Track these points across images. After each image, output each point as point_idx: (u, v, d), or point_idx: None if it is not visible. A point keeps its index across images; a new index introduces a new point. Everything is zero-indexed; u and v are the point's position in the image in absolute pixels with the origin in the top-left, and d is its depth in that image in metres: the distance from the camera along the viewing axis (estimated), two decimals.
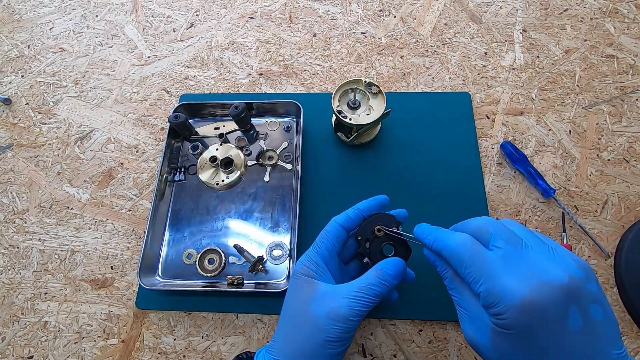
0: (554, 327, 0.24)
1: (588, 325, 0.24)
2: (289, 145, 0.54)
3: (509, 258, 0.26)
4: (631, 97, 0.54)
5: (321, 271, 0.33)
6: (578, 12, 0.61)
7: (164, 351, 0.44)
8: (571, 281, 0.24)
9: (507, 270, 0.25)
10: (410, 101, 0.55)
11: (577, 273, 0.24)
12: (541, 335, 0.24)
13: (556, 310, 0.23)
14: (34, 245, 0.51)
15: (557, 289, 0.24)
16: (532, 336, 0.24)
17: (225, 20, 0.66)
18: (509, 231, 0.27)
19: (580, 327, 0.24)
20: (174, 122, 0.51)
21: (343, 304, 0.30)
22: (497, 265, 0.26)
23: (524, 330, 0.24)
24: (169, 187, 0.52)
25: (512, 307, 0.24)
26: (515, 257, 0.26)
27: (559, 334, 0.24)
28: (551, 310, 0.23)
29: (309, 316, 0.31)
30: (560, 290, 0.24)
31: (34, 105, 0.62)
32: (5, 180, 0.56)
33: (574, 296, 0.24)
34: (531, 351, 0.24)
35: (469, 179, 0.50)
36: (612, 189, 0.49)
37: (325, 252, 0.34)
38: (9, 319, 0.48)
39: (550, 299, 0.23)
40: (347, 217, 0.35)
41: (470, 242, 0.28)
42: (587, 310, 0.24)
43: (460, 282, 0.29)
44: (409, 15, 0.63)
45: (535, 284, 0.24)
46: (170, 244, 0.49)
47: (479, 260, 0.26)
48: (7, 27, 0.70)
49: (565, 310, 0.24)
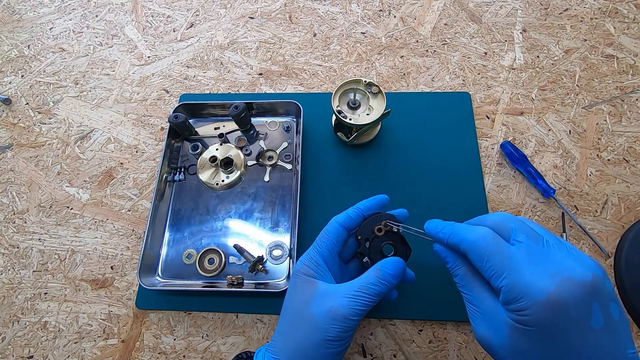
0: (578, 324, 0.23)
1: (608, 324, 0.24)
2: (288, 145, 0.54)
3: (531, 253, 0.26)
4: (631, 97, 0.54)
5: (321, 270, 0.33)
6: (578, 12, 0.61)
7: (164, 351, 0.44)
8: (594, 279, 0.24)
9: (530, 266, 0.25)
10: (410, 101, 0.55)
11: (598, 271, 0.24)
12: (564, 333, 0.23)
13: (580, 308, 0.23)
14: (34, 245, 0.51)
15: (581, 286, 0.23)
16: (554, 333, 0.24)
17: (225, 20, 0.66)
18: (529, 227, 0.27)
19: (602, 325, 0.24)
20: (173, 122, 0.51)
21: (342, 303, 0.30)
22: (520, 260, 0.25)
23: (546, 327, 0.24)
24: (169, 187, 0.52)
25: (537, 302, 0.23)
26: (538, 253, 0.26)
27: (582, 331, 0.23)
28: (576, 307, 0.23)
29: (308, 315, 0.31)
30: (584, 287, 0.23)
31: (34, 105, 0.62)
32: (5, 180, 0.56)
33: (596, 294, 0.24)
34: (551, 349, 0.24)
35: (469, 179, 0.50)
36: (612, 189, 0.49)
37: (325, 252, 0.34)
38: (9, 319, 0.48)
39: (575, 296, 0.23)
40: (347, 216, 0.35)
41: (491, 235, 0.27)
42: (607, 308, 0.24)
43: (472, 278, 0.28)
44: (409, 15, 0.63)
45: (560, 280, 0.24)
46: (170, 244, 0.49)
47: (501, 254, 0.26)
48: (7, 27, 0.70)
49: (589, 307, 0.23)
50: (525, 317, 0.24)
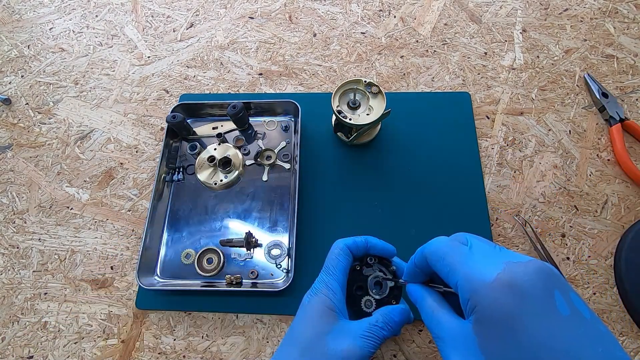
0: (542, 308, 0.21)
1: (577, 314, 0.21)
2: (287, 144, 0.54)
3: (484, 252, 0.26)
4: (631, 97, 0.54)
5: (338, 299, 0.32)
6: (578, 12, 0.61)
7: (163, 351, 0.44)
8: (544, 265, 0.23)
9: (482, 259, 0.25)
10: (410, 101, 0.55)
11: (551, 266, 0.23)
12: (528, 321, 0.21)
13: (538, 289, 0.22)
14: (33, 245, 0.51)
15: (532, 267, 0.22)
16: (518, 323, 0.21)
17: (225, 20, 0.66)
18: (481, 237, 0.28)
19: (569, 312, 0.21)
20: (171, 122, 0.51)
21: (358, 344, 0.30)
22: (473, 256, 0.25)
23: (507, 316, 0.22)
24: (168, 187, 0.52)
25: (486, 285, 0.22)
26: (490, 252, 0.26)
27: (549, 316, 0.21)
28: (532, 288, 0.22)
29: (323, 350, 0.30)
30: (536, 268, 0.22)
31: (34, 105, 0.62)
32: (5, 180, 0.56)
33: (553, 279, 0.22)
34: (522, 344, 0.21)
35: (469, 179, 0.50)
36: (612, 189, 0.48)
37: (340, 276, 0.33)
38: (9, 319, 0.48)
39: (528, 277, 0.22)
40: (354, 241, 0.35)
41: (449, 239, 0.28)
42: (569, 297, 0.22)
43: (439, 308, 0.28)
44: (409, 15, 0.63)
45: (508, 263, 0.23)
46: (169, 244, 0.49)
47: (456, 252, 0.26)
48: (7, 27, 0.70)
49: (550, 291, 0.22)
50: (483, 310, 0.22)
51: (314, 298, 0.32)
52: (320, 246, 0.46)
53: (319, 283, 0.33)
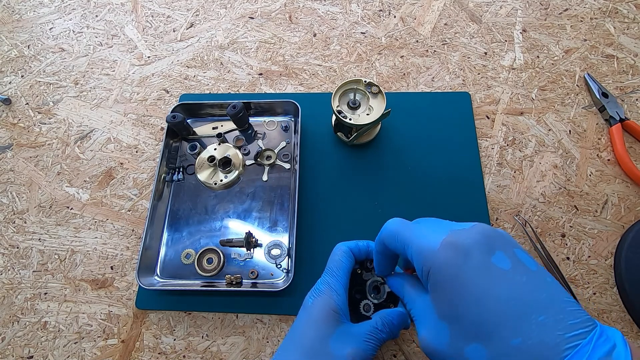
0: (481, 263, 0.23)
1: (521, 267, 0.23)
2: (287, 144, 0.54)
3: (433, 225, 0.27)
4: (631, 97, 0.54)
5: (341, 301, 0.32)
6: (578, 12, 0.61)
7: (163, 351, 0.44)
8: (487, 227, 0.24)
9: (431, 230, 0.26)
10: (410, 101, 0.55)
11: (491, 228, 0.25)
12: (468, 275, 0.23)
13: (479, 248, 0.23)
14: (33, 245, 0.51)
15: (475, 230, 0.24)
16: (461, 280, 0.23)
17: (225, 20, 0.66)
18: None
19: (510, 266, 0.22)
20: (171, 122, 0.51)
21: (361, 347, 0.30)
22: (422, 229, 0.27)
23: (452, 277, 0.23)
24: (167, 187, 0.52)
25: (433, 252, 0.24)
26: (438, 224, 0.27)
27: (488, 269, 0.22)
28: (473, 247, 0.23)
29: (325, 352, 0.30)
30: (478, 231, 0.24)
31: (34, 105, 0.62)
32: (5, 180, 0.56)
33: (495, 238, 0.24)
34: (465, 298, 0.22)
35: (469, 179, 0.50)
36: (612, 189, 0.48)
37: (344, 278, 0.33)
38: (9, 319, 0.48)
39: (470, 239, 0.23)
40: (356, 244, 0.35)
41: (399, 219, 0.29)
42: (513, 253, 0.23)
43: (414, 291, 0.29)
44: (409, 15, 0.63)
45: (452, 230, 0.25)
46: (169, 243, 0.49)
47: (407, 229, 0.28)
48: (7, 27, 0.70)
49: (490, 248, 0.23)
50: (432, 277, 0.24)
51: (317, 299, 0.32)
52: (320, 246, 0.47)
53: (321, 284, 0.33)
